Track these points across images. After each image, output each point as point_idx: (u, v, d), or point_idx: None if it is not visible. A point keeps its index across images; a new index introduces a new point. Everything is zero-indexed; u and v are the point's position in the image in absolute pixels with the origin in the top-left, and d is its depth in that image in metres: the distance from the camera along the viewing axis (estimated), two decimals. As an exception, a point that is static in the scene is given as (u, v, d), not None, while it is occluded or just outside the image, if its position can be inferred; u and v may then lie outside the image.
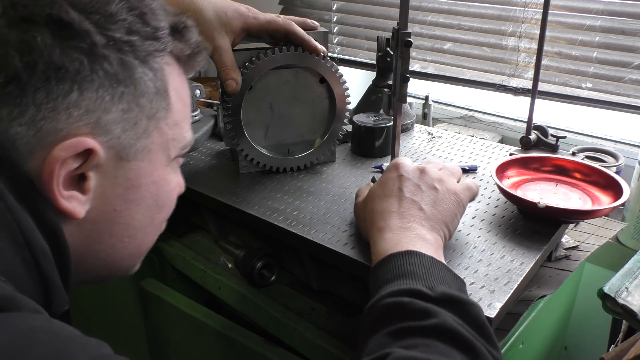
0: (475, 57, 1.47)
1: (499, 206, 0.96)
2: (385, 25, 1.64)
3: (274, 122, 1.09)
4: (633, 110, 1.25)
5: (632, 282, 0.78)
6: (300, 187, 1.05)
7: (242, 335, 0.97)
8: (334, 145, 1.13)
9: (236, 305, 1.02)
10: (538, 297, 0.87)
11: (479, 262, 0.80)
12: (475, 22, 1.45)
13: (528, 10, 1.34)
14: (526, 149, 1.14)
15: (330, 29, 1.78)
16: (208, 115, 1.37)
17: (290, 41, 0.99)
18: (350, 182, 1.06)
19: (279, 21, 0.96)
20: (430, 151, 1.20)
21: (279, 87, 1.06)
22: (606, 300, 0.77)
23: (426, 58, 1.57)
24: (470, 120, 1.59)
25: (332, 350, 0.85)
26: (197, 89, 1.33)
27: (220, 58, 0.94)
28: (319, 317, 0.93)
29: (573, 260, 0.98)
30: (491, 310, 0.70)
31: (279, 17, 0.98)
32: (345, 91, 1.08)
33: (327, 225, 0.90)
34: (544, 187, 0.97)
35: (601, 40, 1.25)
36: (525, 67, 1.39)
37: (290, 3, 1.87)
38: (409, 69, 0.89)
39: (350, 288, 0.94)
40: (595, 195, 0.93)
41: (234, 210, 0.98)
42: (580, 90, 1.31)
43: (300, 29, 0.97)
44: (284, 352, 0.92)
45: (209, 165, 1.16)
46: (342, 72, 1.07)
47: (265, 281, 1.00)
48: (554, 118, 1.43)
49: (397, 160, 0.80)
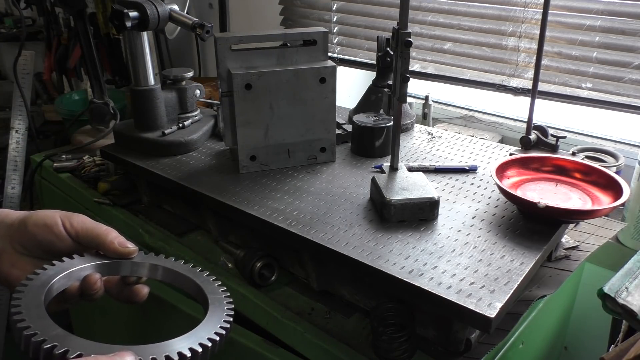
0: (475, 57, 1.47)
1: (499, 206, 0.96)
2: (385, 25, 1.64)
3: (274, 122, 1.09)
4: (633, 110, 1.25)
5: (632, 282, 0.78)
6: (300, 187, 1.05)
7: (242, 335, 0.97)
8: (334, 145, 1.13)
9: (236, 305, 1.02)
10: (538, 297, 0.87)
11: (479, 262, 0.80)
12: (475, 22, 1.45)
13: (528, 10, 1.34)
14: (526, 149, 1.13)
15: (330, 29, 1.78)
16: (208, 115, 1.37)
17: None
18: (350, 182, 1.06)
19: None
20: (430, 151, 1.20)
21: (279, 87, 1.06)
22: (606, 300, 0.77)
23: (426, 58, 1.57)
24: (470, 120, 1.59)
25: (332, 350, 0.85)
26: (197, 89, 1.33)
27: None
28: (319, 317, 0.93)
29: (573, 260, 0.98)
30: (491, 310, 0.70)
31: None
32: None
33: (327, 225, 0.90)
34: (544, 187, 0.97)
35: (601, 40, 1.25)
36: (525, 67, 1.39)
37: (290, 3, 1.87)
38: (409, 69, 0.89)
39: (350, 288, 0.94)
40: (595, 195, 0.93)
41: (234, 210, 0.98)
42: (580, 90, 1.31)
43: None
44: (284, 352, 0.92)
45: (209, 165, 1.16)
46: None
47: (265, 281, 1.00)
48: (554, 118, 1.43)
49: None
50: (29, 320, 0.53)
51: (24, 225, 0.67)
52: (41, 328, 0.52)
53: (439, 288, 0.75)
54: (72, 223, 0.67)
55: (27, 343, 0.51)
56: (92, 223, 0.68)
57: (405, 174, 0.98)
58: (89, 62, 1.59)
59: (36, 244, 0.66)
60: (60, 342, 0.51)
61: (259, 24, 2.02)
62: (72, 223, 0.67)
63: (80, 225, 0.67)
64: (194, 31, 1.19)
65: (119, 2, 1.16)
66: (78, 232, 0.67)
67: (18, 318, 0.53)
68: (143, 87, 1.23)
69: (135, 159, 1.21)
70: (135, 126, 1.27)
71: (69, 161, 1.51)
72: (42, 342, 0.51)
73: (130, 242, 0.68)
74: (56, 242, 0.66)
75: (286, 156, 1.12)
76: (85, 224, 0.68)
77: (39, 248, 0.67)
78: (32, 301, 0.57)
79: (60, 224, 0.67)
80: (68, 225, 0.67)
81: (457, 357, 0.81)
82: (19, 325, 0.53)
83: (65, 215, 0.68)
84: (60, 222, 0.67)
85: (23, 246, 0.67)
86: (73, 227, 0.67)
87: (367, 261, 0.81)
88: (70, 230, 0.67)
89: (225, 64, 1.06)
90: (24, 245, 0.67)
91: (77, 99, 1.97)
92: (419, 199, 0.90)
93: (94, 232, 0.67)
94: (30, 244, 0.67)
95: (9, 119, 1.86)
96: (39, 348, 0.51)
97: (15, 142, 1.83)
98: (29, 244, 0.67)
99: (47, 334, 0.52)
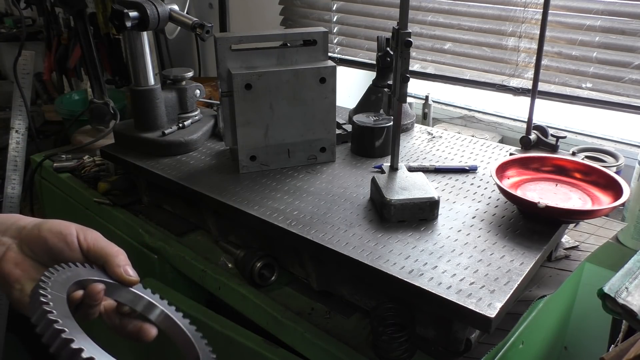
0: (475, 57, 1.47)
1: (499, 206, 0.96)
2: (385, 25, 1.64)
3: (274, 122, 1.09)
4: (633, 110, 1.25)
5: (632, 282, 0.78)
6: (300, 187, 1.05)
7: (242, 335, 0.97)
8: (334, 145, 1.13)
9: (236, 305, 1.02)
10: (538, 297, 0.87)
11: (479, 262, 0.80)
12: (475, 22, 1.45)
13: (528, 10, 1.34)
14: (526, 149, 1.13)
15: (330, 29, 1.78)
16: (208, 115, 1.37)
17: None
18: (350, 182, 1.06)
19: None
20: (430, 151, 1.20)
21: (279, 87, 1.06)
22: (606, 300, 0.77)
23: (426, 58, 1.57)
24: (470, 120, 1.59)
25: (332, 350, 0.85)
26: (197, 89, 1.33)
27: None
28: (319, 317, 0.93)
29: (573, 260, 0.98)
30: (491, 310, 0.70)
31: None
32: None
33: (327, 225, 0.90)
34: (544, 187, 0.97)
35: (601, 40, 1.25)
36: (525, 67, 1.39)
37: (290, 3, 1.87)
38: (409, 69, 0.89)
39: (350, 288, 0.94)
40: (595, 195, 0.93)
41: (234, 210, 0.98)
42: (580, 90, 1.31)
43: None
44: (284, 352, 0.92)
45: (209, 165, 1.16)
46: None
47: (265, 281, 1.00)
48: (554, 118, 1.43)
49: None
50: (58, 314, 0.53)
51: (37, 229, 0.68)
52: (68, 326, 0.52)
53: (439, 288, 0.75)
54: (85, 236, 0.68)
55: (55, 336, 0.51)
56: (105, 241, 0.69)
57: (405, 174, 0.98)
58: (89, 62, 1.59)
59: (45, 249, 0.67)
60: (87, 348, 0.51)
61: (259, 24, 2.02)
62: (85, 236, 0.68)
63: (93, 241, 0.68)
64: (194, 31, 1.19)
65: (119, 2, 1.16)
66: (89, 246, 0.68)
67: (47, 309, 0.53)
68: (143, 87, 1.23)
69: (135, 159, 1.21)
70: (135, 126, 1.27)
71: (69, 161, 1.51)
72: (70, 341, 0.51)
73: (134, 272, 0.68)
74: (66, 251, 0.67)
75: (286, 156, 1.12)
76: (98, 241, 0.69)
77: (46, 254, 0.67)
78: (57, 296, 0.57)
79: (74, 235, 0.68)
80: (82, 238, 0.68)
81: (457, 357, 0.81)
82: (49, 317, 0.53)
83: (80, 228, 0.69)
84: (75, 233, 0.68)
85: (31, 249, 0.67)
86: (86, 241, 0.68)
87: (367, 261, 0.81)
88: (83, 243, 0.68)
89: (225, 64, 1.06)
90: (33, 248, 0.67)
91: (77, 99, 1.97)
92: (419, 199, 0.90)
93: (105, 250, 0.68)
94: (39, 248, 0.67)
95: (9, 119, 1.86)
96: (65, 345, 0.51)
97: (15, 142, 1.83)
98: (38, 248, 0.67)
99: (74, 334, 0.52)
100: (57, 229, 0.67)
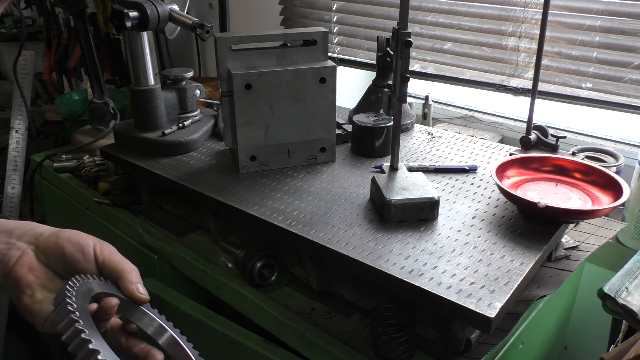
0: (475, 57, 1.47)
1: (499, 206, 0.96)
2: (385, 25, 1.64)
3: (274, 122, 1.09)
4: (633, 110, 1.25)
5: (632, 282, 0.78)
6: (300, 187, 1.05)
7: (242, 335, 0.97)
8: (334, 145, 1.13)
9: (236, 305, 1.02)
10: (538, 297, 0.87)
11: (479, 262, 0.80)
12: (475, 22, 1.45)
13: (528, 10, 1.34)
14: (526, 149, 1.13)
15: (330, 29, 1.78)
16: (208, 115, 1.37)
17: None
18: (350, 182, 1.06)
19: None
20: (430, 151, 1.20)
21: (279, 87, 1.06)
22: (606, 300, 0.77)
23: (426, 58, 1.57)
24: (470, 120, 1.59)
25: (332, 350, 0.85)
26: (197, 89, 1.33)
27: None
28: (319, 317, 0.93)
29: (573, 260, 0.98)
30: (491, 310, 0.70)
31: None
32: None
33: (327, 225, 0.90)
34: (544, 187, 0.97)
35: (601, 40, 1.25)
36: (525, 67, 1.39)
37: (290, 3, 1.87)
38: (409, 69, 0.89)
39: (350, 288, 0.94)
40: (595, 195, 0.93)
41: (234, 210, 0.98)
42: (580, 90, 1.31)
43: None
44: (284, 352, 0.92)
45: (209, 165, 1.16)
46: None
47: (265, 281, 1.00)
48: (554, 118, 1.43)
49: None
50: (84, 325, 0.53)
51: (55, 236, 0.68)
52: (93, 337, 0.52)
53: (439, 288, 0.75)
54: (102, 249, 0.69)
55: (81, 346, 0.51)
56: (120, 257, 0.70)
57: (405, 174, 0.98)
58: (89, 62, 1.59)
59: (60, 258, 0.67)
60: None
61: (259, 24, 2.02)
62: (102, 249, 0.69)
63: (109, 255, 0.69)
64: (194, 31, 1.19)
65: (119, 2, 1.16)
66: (105, 259, 0.68)
67: (74, 317, 0.53)
68: (143, 87, 1.23)
69: (135, 159, 1.21)
70: (135, 126, 1.27)
71: (69, 161, 1.51)
72: (96, 352, 0.51)
73: (145, 290, 0.68)
74: (81, 261, 0.67)
75: (286, 156, 1.12)
76: (114, 255, 0.69)
77: (61, 262, 0.67)
78: (81, 307, 0.57)
79: (91, 246, 0.68)
80: (98, 250, 0.68)
81: (457, 357, 0.81)
82: (77, 326, 0.53)
83: (97, 241, 0.70)
84: (92, 244, 0.68)
85: (47, 256, 0.67)
86: (102, 254, 0.68)
87: (367, 261, 0.81)
88: (99, 256, 0.68)
89: (225, 64, 1.06)
90: (48, 256, 0.67)
91: (77, 99, 1.97)
92: (419, 199, 0.90)
93: (120, 265, 0.68)
94: (55, 256, 0.67)
95: (9, 119, 1.86)
96: (91, 355, 0.51)
97: (15, 142, 1.83)
98: (54, 255, 0.67)
99: (98, 345, 0.52)
100: (75, 239, 0.68)
